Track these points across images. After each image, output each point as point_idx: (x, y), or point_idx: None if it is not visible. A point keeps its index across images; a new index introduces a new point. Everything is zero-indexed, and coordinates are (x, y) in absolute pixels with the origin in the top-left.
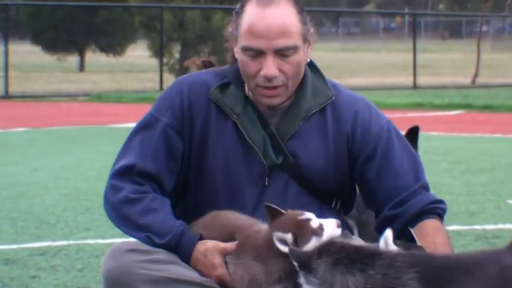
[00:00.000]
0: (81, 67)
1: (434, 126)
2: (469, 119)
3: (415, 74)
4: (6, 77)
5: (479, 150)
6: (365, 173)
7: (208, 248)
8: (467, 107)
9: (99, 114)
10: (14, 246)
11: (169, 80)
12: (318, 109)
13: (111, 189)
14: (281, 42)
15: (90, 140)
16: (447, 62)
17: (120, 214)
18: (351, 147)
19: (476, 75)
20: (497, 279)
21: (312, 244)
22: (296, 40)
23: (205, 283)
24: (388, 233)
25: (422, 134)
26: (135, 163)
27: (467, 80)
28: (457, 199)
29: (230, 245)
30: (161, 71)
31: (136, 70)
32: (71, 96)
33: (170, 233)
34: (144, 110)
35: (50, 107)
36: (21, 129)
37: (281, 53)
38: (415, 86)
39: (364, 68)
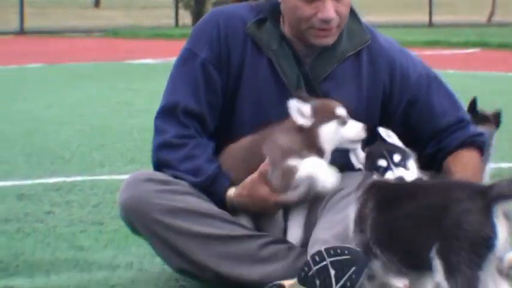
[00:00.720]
0: (97, 3)
1: (450, 64)
2: (484, 57)
3: (430, 12)
4: (21, 13)
5: (496, 88)
6: (408, 118)
7: (248, 186)
8: (483, 45)
9: (114, 51)
10: (29, 182)
11: (185, 16)
12: (353, 52)
13: (156, 130)
14: None
15: (105, 76)
16: (463, 1)
17: (161, 157)
18: (389, 93)
19: (492, 13)
20: (438, 207)
21: (331, 127)
22: None
23: (221, 215)
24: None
25: (438, 72)
26: (178, 101)
27: (483, 18)
28: None
29: (263, 167)
30: (176, 8)
31: (152, 6)
32: (86, 32)
33: (205, 175)
34: (159, 46)
35: (65, 43)
36: (36, 65)
37: None
38: (430, 24)
39: (379, 5)
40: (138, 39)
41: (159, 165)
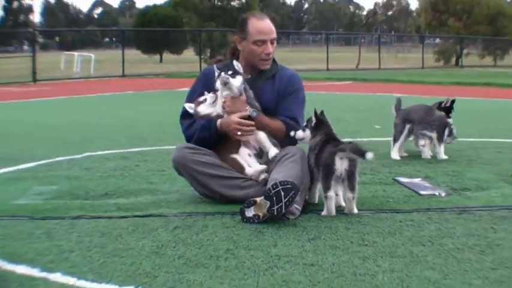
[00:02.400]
0: (161, 60)
1: (338, 89)
2: (355, 86)
3: (327, 63)
4: (123, 66)
5: (360, 101)
6: (279, 103)
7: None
8: (354, 79)
9: (169, 85)
10: (126, 150)
11: (203, 67)
12: (271, 75)
13: (180, 124)
14: (273, 35)
15: (165, 97)
16: (344, 58)
17: (188, 135)
18: (285, 93)
19: (358, 63)
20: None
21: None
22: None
23: (223, 165)
24: None
25: (331, 94)
26: (184, 110)
27: (354, 66)
28: (347, 126)
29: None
30: (200, 62)
31: (188, 62)
32: (156, 75)
33: (204, 124)
34: (190, 82)
35: (146, 81)
36: (131, 92)
37: (271, 41)
38: (327, 69)
39: (302, 60)
40: (181, 79)
41: (188, 139)
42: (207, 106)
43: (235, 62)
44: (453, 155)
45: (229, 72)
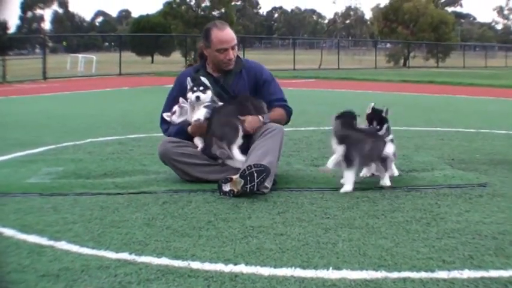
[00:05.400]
0: (152, 61)
1: (303, 86)
2: (318, 83)
3: (294, 64)
4: (120, 66)
5: (322, 96)
6: (262, 92)
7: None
8: (317, 77)
9: (158, 82)
10: (123, 137)
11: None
12: (239, 71)
13: (161, 129)
14: (234, 43)
15: (155, 92)
16: (308, 59)
17: (168, 134)
18: (258, 82)
19: (320, 64)
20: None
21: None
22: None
23: (201, 155)
24: None
25: (297, 90)
26: (162, 114)
27: (316, 66)
28: (311, 117)
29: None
30: (186, 63)
31: (175, 62)
32: (148, 74)
33: (179, 128)
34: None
35: (139, 78)
36: (126, 88)
37: (233, 48)
38: (294, 69)
39: (273, 61)
40: (169, 77)
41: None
42: (178, 116)
43: (203, 79)
44: (402, 141)
45: (201, 88)
